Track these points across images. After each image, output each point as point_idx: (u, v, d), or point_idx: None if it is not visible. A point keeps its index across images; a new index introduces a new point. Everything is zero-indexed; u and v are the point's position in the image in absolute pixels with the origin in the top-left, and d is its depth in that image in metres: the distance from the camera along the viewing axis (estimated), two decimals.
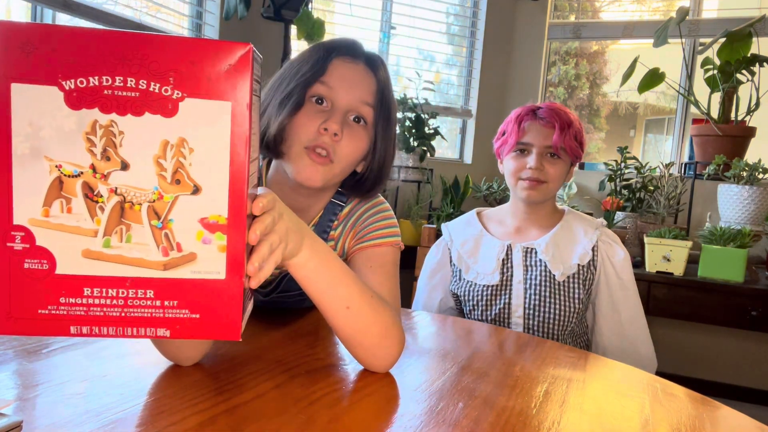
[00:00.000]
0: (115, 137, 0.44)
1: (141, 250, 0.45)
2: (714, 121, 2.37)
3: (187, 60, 0.43)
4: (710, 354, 2.64)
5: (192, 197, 0.45)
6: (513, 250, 1.27)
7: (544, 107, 1.24)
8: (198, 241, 0.46)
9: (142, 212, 0.45)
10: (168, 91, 0.43)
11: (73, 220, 0.44)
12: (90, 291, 0.45)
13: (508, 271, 1.26)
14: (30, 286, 0.45)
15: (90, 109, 0.43)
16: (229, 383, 0.66)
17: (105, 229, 0.45)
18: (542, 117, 1.23)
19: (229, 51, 0.44)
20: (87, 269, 0.45)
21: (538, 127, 1.23)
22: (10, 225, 0.44)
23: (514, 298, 1.24)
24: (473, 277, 1.28)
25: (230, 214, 0.46)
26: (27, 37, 0.42)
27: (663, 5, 3.30)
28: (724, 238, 2.03)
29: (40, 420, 0.53)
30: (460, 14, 3.10)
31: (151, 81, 0.43)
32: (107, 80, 0.43)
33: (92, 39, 0.42)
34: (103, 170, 0.44)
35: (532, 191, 1.24)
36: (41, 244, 0.44)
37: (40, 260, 0.44)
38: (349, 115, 0.82)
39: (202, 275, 0.46)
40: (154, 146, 0.44)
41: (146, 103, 0.43)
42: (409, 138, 2.63)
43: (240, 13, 2.25)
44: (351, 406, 0.63)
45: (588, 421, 0.66)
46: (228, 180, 0.45)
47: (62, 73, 0.42)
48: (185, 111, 0.44)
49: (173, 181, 0.45)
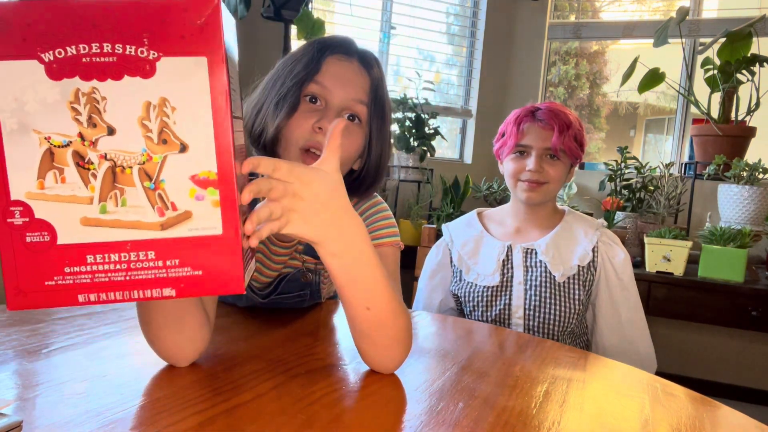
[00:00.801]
0: (99, 103, 0.44)
1: (137, 213, 0.46)
2: (714, 121, 2.37)
3: (158, 20, 0.44)
4: (710, 354, 2.64)
5: (180, 155, 0.45)
6: (513, 251, 1.27)
7: (543, 108, 1.24)
8: (191, 198, 0.46)
9: (134, 175, 0.45)
10: (144, 53, 0.44)
11: (68, 190, 0.45)
12: (93, 258, 0.46)
13: (508, 272, 1.26)
14: (34, 259, 0.45)
15: (71, 78, 0.43)
16: (228, 383, 0.66)
17: (100, 195, 0.45)
18: (541, 119, 1.23)
19: (198, 6, 0.44)
20: (87, 236, 0.46)
21: (537, 129, 1.23)
22: (8, 201, 0.44)
23: (515, 299, 1.24)
24: (473, 278, 1.29)
25: (219, 168, 0.46)
26: (0, 14, 0.42)
27: (663, 5, 3.30)
28: (724, 238, 2.03)
29: (40, 420, 0.53)
30: (460, 14, 3.10)
31: (126, 44, 0.43)
32: (84, 48, 0.43)
33: (64, 9, 0.42)
34: (91, 137, 0.44)
35: (531, 193, 1.24)
36: (40, 216, 0.45)
37: (41, 233, 0.45)
38: (343, 114, 0.82)
39: (200, 232, 0.47)
40: (137, 108, 0.44)
41: (124, 67, 0.44)
42: (409, 138, 2.63)
43: (240, 13, 2.25)
44: (351, 407, 0.63)
45: (588, 421, 0.66)
46: (213, 134, 0.45)
47: (40, 46, 0.43)
48: (163, 70, 0.44)
49: (160, 141, 0.45)
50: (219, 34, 0.44)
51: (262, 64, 1.00)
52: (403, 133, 2.64)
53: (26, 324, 0.81)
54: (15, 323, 0.81)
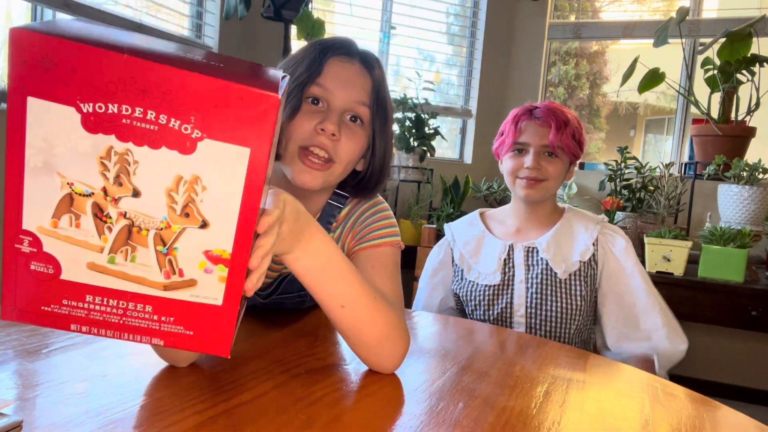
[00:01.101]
0: (130, 165, 0.44)
1: (144, 270, 0.47)
2: (714, 121, 2.37)
3: (211, 103, 0.43)
4: (710, 354, 2.64)
5: (199, 230, 0.46)
6: (514, 250, 1.27)
7: (541, 107, 1.25)
8: (200, 270, 0.47)
9: (149, 238, 0.46)
10: (188, 130, 0.43)
11: (81, 235, 0.45)
12: (92, 298, 0.47)
13: (509, 271, 1.26)
14: (35, 286, 0.46)
15: (106, 135, 0.43)
16: (228, 383, 0.66)
17: (111, 248, 0.46)
18: (539, 116, 1.23)
19: (256, 100, 0.43)
20: (90, 279, 0.47)
21: (535, 127, 1.24)
22: (19, 229, 0.45)
23: (516, 298, 1.24)
24: (475, 277, 1.29)
25: (235, 251, 0.47)
26: (47, 52, 0.40)
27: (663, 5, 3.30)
28: (724, 238, 2.03)
29: (40, 420, 0.53)
30: (460, 14, 3.10)
31: (172, 117, 0.43)
32: (127, 109, 0.42)
33: (115, 64, 0.41)
34: (115, 194, 0.45)
35: (530, 190, 1.24)
36: (48, 250, 0.46)
37: (45, 264, 0.46)
38: (345, 115, 0.82)
39: (200, 299, 0.48)
40: (167, 179, 0.44)
41: (164, 138, 0.43)
42: (409, 138, 2.63)
43: (240, 13, 2.25)
44: (351, 406, 0.63)
45: (588, 421, 0.66)
46: (237, 221, 0.46)
47: (81, 95, 0.41)
48: (203, 150, 0.44)
49: (182, 214, 0.46)
50: (269, 130, 0.44)
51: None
52: (403, 133, 2.63)
53: (26, 324, 0.81)
54: (15, 323, 0.81)
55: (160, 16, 2.32)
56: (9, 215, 0.44)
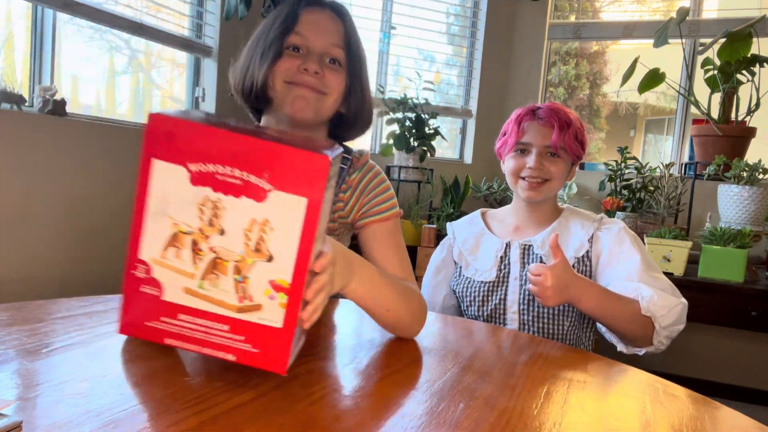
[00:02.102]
0: (219, 211, 0.57)
1: (224, 295, 0.58)
2: (714, 122, 2.37)
3: (279, 164, 0.55)
4: (710, 354, 2.64)
5: (266, 263, 0.57)
6: (511, 247, 1.28)
7: (544, 107, 1.25)
8: (265, 296, 0.58)
9: (229, 268, 0.58)
10: (262, 184, 0.56)
11: (180, 264, 0.58)
12: (184, 317, 0.59)
13: (505, 268, 1.26)
14: (143, 305, 0.59)
15: (204, 187, 0.56)
16: (229, 383, 0.66)
17: (201, 275, 0.58)
18: (541, 117, 1.23)
19: (312, 161, 0.55)
20: (184, 301, 0.59)
21: (537, 127, 1.24)
22: (136, 258, 0.58)
23: (510, 294, 1.24)
24: (471, 273, 1.30)
25: (293, 281, 0.58)
26: (170, 128, 0.55)
27: (663, 5, 3.30)
28: (724, 239, 2.03)
29: (40, 420, 0.52)
30: (460, 14, 3.10)
31: (252, 174, 0.55)
32: (220, 169, 0.56)
33: (215, 137, 0.55)
34: (207, 233, 0.57)
35: (532, 191, 1.24)
36: (155, 276, 0.58)
37: (152, 287, 0.59)
38: (324, 58, 0.91)
39: (265, 322, 0.59)
40: (245, 221, 0.57)
41: (245, 190, 0.56)
42: (409, 138, 2.63)
43: (240, 13, 2.25)
44: (351, 406, 0.63)
45: (589, 421, 0.66)
46: (295, 256, 0.57)
47: (190, 158, 0.55)
48: (272, 200, 0.56)
49: (255, 250, 0.57)
50: (322, 184, 0.56)
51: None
52: (403, 133, 2.63)
53: (26, 323, 0.81)
54: (15, 323, 0.81)
55: (161, 16, 2.32)
56: (131, 247, 0.58)
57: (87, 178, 1.93)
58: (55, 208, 1.84)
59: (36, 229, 1.80)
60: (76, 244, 1.92)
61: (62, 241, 1.88)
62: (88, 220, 1.95)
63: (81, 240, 1.93)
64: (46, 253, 1.84)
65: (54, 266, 1.87)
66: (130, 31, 2.16)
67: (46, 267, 1.84)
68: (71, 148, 1.87)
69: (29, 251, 1.78)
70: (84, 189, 1.93)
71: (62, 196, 1.86)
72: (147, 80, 2.57)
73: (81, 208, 1.93)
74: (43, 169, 1.79)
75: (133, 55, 2.49)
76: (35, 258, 1.80)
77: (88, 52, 2.20)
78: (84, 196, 1.93)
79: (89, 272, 1.96)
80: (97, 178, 1.97)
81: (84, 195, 1.93)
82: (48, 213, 1.82)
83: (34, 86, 1.88)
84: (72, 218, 1.90)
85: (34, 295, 1.79)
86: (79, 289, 1.94)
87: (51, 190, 1.82)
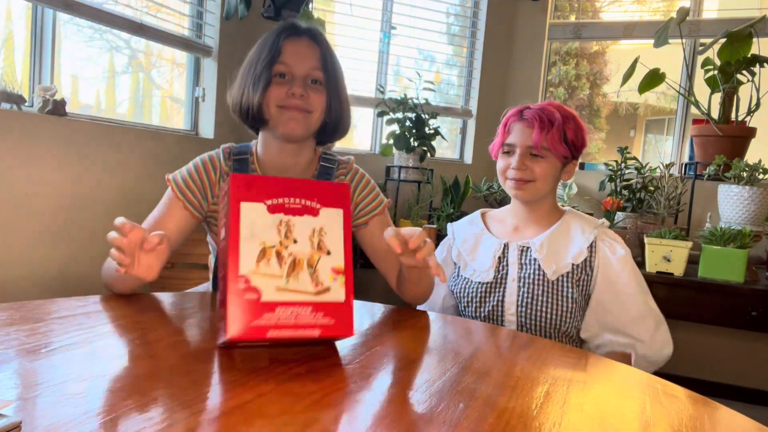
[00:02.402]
0: (290, 227, 0.79)
1: (304, 285, 0.78)
2: (714, 122, 2.37)
3: (323, 191, 0.82)
4: (710, 354, 2.64)
5: (327, 256, 0.81)
6: (509, 249, 1.28)
7: (532, 107, 1.26)
8: (331, 280, 0.80)
9: (304, 265, 0.79)
10: (315, 204, 0.81)
11: (270, 270, 0.77)
12: (280, 309, 0.76)
13: (503, 269, 1.27)
14: (247, 309, 0.75)
15: (278, 214, 0.79)
16: (229, 383, 0.66)
17: (286, 275, 0.78)
18: (526, 117, 1.25)
19: (341, 187, 0.84)
20: (278, 297, 0.77)
21: (521, 128, 1.25)
22: (237, 274, 0.75)
23: (507, 296, 1.24)
24: (470, 274, 1.30)
25: (345, 265, 0.81)
26: (250, 181, 0.78)
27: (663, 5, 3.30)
28: (724, 239, 2.03)
29: (40, 420, 0.52)
30: (461, 14, 3.10)
31: (307, 200, 0.81)
32: (287, 200, 0.80)
33: (281, 184, 0.80)
34: (285, 245, 0.79)
35: (518, 191, 1.26)
36: (254, 284, 0.76)
37: (252, 293, 0.75)
38: (307, 80, 1.09)
39: (333, 299, 0.80)
40: (309, 231, 0.80)
41: (305, 210, 0.81)
42: (409, 138, 2.63)
43: (240, 13, 2.25)
44: (351, 406, 0.63)
45: (589, 422, 0.66)
46: (343, 248, 0.82)
47: (266, 197, 0.79)
48: (323, 214, 0.82)
49: (317, 249, 0.80)
50: (348, 200, 0.84)
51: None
52: (403, 133, 2.63)
53: (26, 323, 0.81)
54: (14, 322, 0.81)
55: (161, 16, 2.32)
56: (231, 266, 0.75)
57: (87, 178, 1.93)
58: (55, 208, 1.84)
59: (36, 229, 1.79)
60: (76, 243, 1.92)
61: (62, 241, 1.88)
62: (88, 220, 1.95)
63: (81, 240, 1.93)
64: (46, 253, 1.83)
65: (54, 266, 1.86)
66: (130, 31, 2.16)
67: (46, 267, 1.84)
68: (71, 148, 1.87)
69: (29, 251, 1.78)
70: (84, 189, 1.93)
71: (62, 196, 1.86)
72: (147, 80, 2.57)
73: (81, 208, 1.93)
74: (43, 169, 1.79)
75: (133, 55, 2.49)
76: (35, 258, 1.80)
77: (88, 52, 2.20)
78: (84, 196, 1.93)
79: (89, 272, 1.96)
80: (97, 178, 1.97)
81: (84, 195, 1.93)
82: (48, 213, 1.82)
83: (34, 86, 1.88)
84: (72, 218, 1.90)
85: (33, 294, 1.79)
86: (78, 288, 1.94)
87: (51, 190, 1.82)
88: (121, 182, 2.06)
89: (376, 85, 2.93)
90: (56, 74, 1.94)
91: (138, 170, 2.13)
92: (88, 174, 1.93)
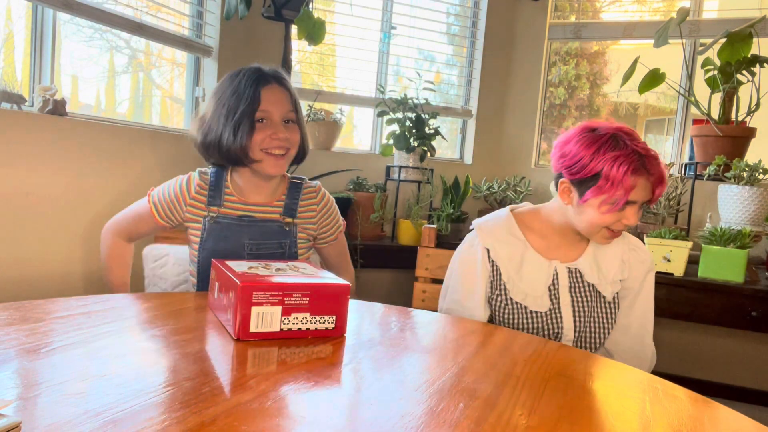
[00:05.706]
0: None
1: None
2: (714, 122, 2.37)
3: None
4: (710, 354, 2.64)
5: None
6: (559, 273, 1.24)
7: (652, 158, 1.14)
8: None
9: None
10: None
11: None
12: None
13: (555, 296, 1.23)
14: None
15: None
16: (229, 383, 0.66)
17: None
18: (652, 173, 1.14)
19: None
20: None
21: (645, 183, 1.14)
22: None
23: (565, 322, 1.22)
24: (521, 298, 1.23)
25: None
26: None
27: (663, 6, 3.30)
28: (724, 239, 2.03)
29: (40, 420, 0.52)
30: (461, 14, 3.10)
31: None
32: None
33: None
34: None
35: (611, 240, 1.20)
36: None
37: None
38: (283, 121, 1.23)
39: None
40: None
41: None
42: (409, 138, 2.63)
43: (241, 13, 2.25)
44: (351, 407, 0.63)
45: (589, 422, 0.66)
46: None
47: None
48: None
49: None
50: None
51: (262, 63, 1.28)
52: (403, 133, 2.63)
53: (25, 323, 0.81)
54: (14, 322, 0.81)
55: (161, 16, 2.32)
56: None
57: (87, 178, 1.93)
58: (55, 208, 1.84)
59: (36, 228, 1.79)
60: (76, 243, 1.92)
61: (62, 241, 1.88)
62: (88, 220, 1.95)
63: (80, 239, 1.93)
64: (46, 252, 1.83)
65: (53, 266, 1.86)
66: (130, 31, 2.16)
67: (46, 266, 1.84)
68: (71, 148, 1.87)
69: (29, 251, 1.78)
70: (84, 189, 1.93)
71: (62, 196, 1.86)
72: (147, 80, 2.57)
73: (81, 208, 1.93)
74: (43, 169, 1.79)
75: (134, 55, 2.49)
76: (35, 258, 1.80)
77: (88, 51, 2.20)
78: (84, 196, 1.93)
79: (89, 272, 1.96)
80: (97, 178, 1.97)
81: (84, 195, 1.93)
82: (48, 213, 1.82)
83: (34, 86, 1.88)
84: (72, 218, 1.90)
85: (33, 294, 1.79)
86: (78, 288, 1.94)
87: (51, 190, 1.82)
88: (121, 182, 2.06)
89: (376, 85, 2.93)
90: (56, 74, 1.94)
91: (138, 170, 2.13)
92: (88, 174, 1.93)
